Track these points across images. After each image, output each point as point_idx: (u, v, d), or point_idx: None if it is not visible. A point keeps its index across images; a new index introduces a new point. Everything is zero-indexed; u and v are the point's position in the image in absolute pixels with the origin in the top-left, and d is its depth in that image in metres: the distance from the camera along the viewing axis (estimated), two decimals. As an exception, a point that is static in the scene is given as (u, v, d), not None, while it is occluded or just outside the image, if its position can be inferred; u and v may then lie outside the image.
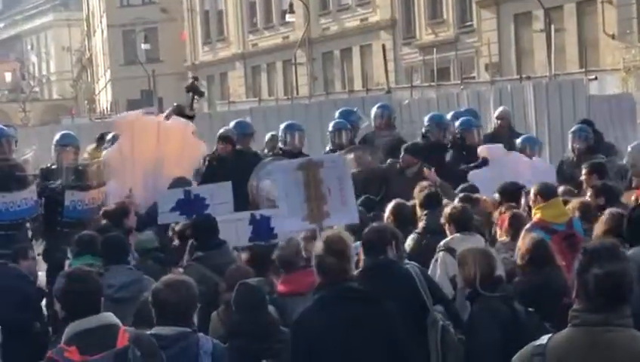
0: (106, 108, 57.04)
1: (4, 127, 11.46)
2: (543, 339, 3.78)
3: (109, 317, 5.05)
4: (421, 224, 8.51)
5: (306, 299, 6.58)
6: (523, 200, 9.16)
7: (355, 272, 6.22)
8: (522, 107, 16.92)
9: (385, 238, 6.86)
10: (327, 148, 12.74)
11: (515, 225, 8.05)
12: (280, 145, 12.52)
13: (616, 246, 3.99)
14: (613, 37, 32.85)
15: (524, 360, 3.78)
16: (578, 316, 3.75)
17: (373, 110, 13.46)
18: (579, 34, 34.58)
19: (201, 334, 5.63)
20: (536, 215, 8.33)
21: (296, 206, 8.17)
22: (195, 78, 13.98)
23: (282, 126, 12.68)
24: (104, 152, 11.17)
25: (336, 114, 13.58)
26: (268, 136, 13.42)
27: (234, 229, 8.95)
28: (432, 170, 11.11)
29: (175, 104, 12.83)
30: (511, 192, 9.31)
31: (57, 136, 11.67)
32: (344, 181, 8.40)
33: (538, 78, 24.83)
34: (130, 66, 56.41)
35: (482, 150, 11.90)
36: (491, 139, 12.88)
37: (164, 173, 10.84)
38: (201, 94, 13.49)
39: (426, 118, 13.18)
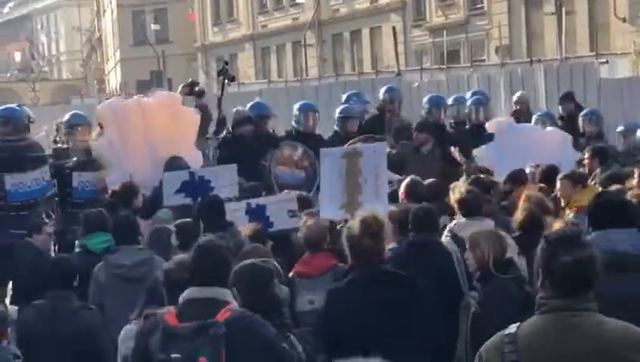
0: (116, 88, 57.03)
1: (17, 108, 11.34)
2: (512, 328, 3.81)
3: (222, 292, 5.06)
4: None
5: (316, 282, 6.61)
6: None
7: (398, 247, 6.30)
8: (533, 90, 16.90)
9: (432, 218, 7.08)
10: (334, 131, 12.70)
11: None
12: (293, 124, 12.44)
13: (579, 234, 4.03)
14: (624, 20, 32.72)
15: (494, 350, 3.79)
16: (546, 303, 3.79)
17: (382, 94, 13.41)
18: (589, 17, 34.44)
19: None
20: (576, 202, 8.31)
21: (336, 193, 8.16)
22: (226, 63, 14.02)
23: (296, 106, 12.63)
24: (93, 145, 10.89)
25: (344, 97, 13.52)
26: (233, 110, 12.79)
27: (231, 218, 8.92)
28: (457, 148, 11.16)
29: (190, 80, 12.76)
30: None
31: (67, 116, 11.63)
32: (381, 171, 8.36)
33: (549, 61, 24.78)
34: (140, 47, 56.28)
35: (490, 124, 12.06)
36: None
37: (160, 151, 10.59)
38: (232, 78, 13.45)
39: (425, 99, 13.32)
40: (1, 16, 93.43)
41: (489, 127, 12.05)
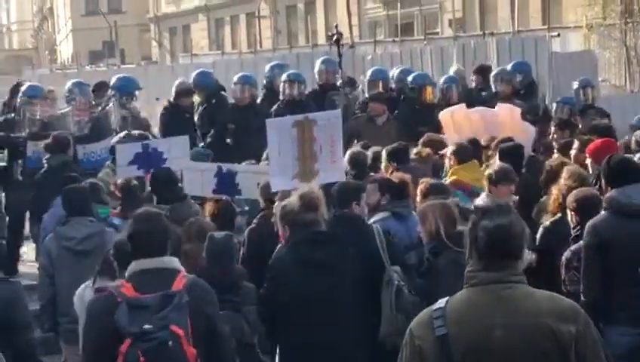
0: (68, 59, 56.45)
1: None
2: (442, 302, 3.81)
3: (171, 261, 5.09)
4: None
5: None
6: None
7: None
8: (485, 63, 16.93)
9: (349, 194, 6.90)
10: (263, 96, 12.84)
11: None
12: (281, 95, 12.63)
13: (506, 204, 4.09)
14: (576, -6, 32.86)
15: (424, 324, 3.79)
16: (475, 276, 3.80)
17: (318, 65, 13.36)
18: (542, -10, 34.57)
19: None
20: (452, 176, 8.36)
21: (287, 164, 8.11)
22: (336, 27, 14.13)
23: (283, 77, 12.76)
24: None
25: (267, 68, 13.52)
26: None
27: (199, 178, 8.92)
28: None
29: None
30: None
31: (24, 88, 11.56)
32: (336, 138, 8.35)
33: (501, 35, 24.83)
34: (92, 17, 55.69)
35: (445, 115, 11.57)
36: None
37: None
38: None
39: (368, 73, 13.38)
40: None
41: (443, 118, 11.54)
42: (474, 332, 3.69)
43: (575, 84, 13.73)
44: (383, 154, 9.13)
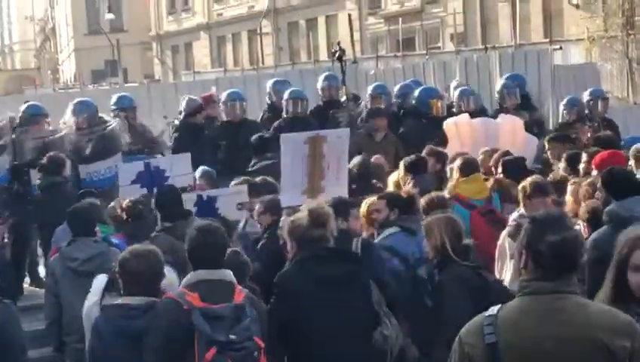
0: (70, 78, 56.61)
1: None
2: (494, 310, 3.77)
3: (229, 274, 5.38)
4: None
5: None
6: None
7: None
8: (488, 77, 16.94)
9: (337, 209, 6.96)
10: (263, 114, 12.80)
11: None
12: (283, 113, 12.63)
13: (564, 216, 4.08)
14: (577, 7, 32.92)
15: (474, 333, 3.75)
16: (529, 285, 3.74)
17: (321, 82, 13.34)
18: (543, 3, 34.63)
19: None
20: (455, 189, 8.35)
21: (297, 180, 8.13)
22: (339, 43, 14.20)
23: (285, 95, 12.75)
24: None
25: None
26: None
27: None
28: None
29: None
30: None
31: (23, 107, 11.52)
32: (342, 156, 8.38)
33: (503, 48, 24.88)
34: (94, 36, 55.77)
35: (449, 125, 11.68)
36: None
37: None
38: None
39: (369, 88, 13.39)
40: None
41: (447, 127, 11.62)
42: (524, 342, 3.64)
43: (586, 96, 13.50)
44: (401, 165, 9.11)
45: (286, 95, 12.76)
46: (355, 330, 5.84)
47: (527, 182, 7.60)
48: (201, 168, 10.38)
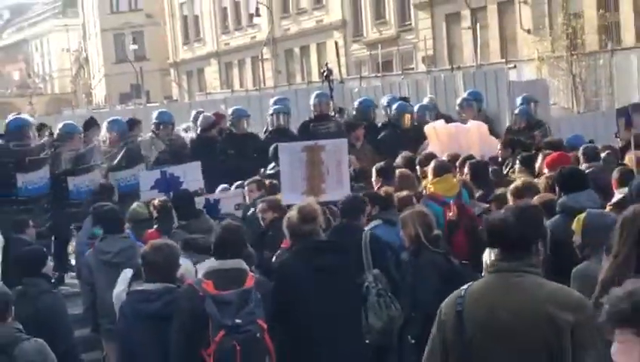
0: (101, 100, 56.59)
1: (25, 119, 11.22)
2: (466, 286, 3.80)
3: (241, 263, 5.36)
4: None
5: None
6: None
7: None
8: (454, 92, 16.94)
9: (358, 206, 7.06)
10: (268, 128, 12.80)
11: None
12: (270, 127, 12.75)
13: (525, 206, 4.10)
14: (528, 32, 32.98)
15: (449, 304, 3.78)
16: (494, 264, 3.78)
17: (313, 99, 13.25)
18: (500, 30, 34.69)
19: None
20: (429, 189, 8.34)
21: (297, 182, 8.09)
22: (327, 64, 14.19)
23: (269, 110, 12.82)
24: None
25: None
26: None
27: None
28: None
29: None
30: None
31: (60, 125, 11.50)
32: (342, 162, 8.34)
33: (467, 68, 24.90)
34: (121, 64, 55.79)
35: (429, 129, 11.74)
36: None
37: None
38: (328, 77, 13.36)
39: (355, 103, 13.42)
40: (1, 40, 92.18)
41: (427, 131, 11.67)
42: (482, 312, 3.65)
43: (519, 100, 13.84)
44: (373, 170, 9.13)
45: (270, 110, 12.78)
46: (344, 309, 5.81)
47: (515, 184, 7.43)
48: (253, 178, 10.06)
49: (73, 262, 10.46)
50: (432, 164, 8.72)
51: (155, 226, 8.12)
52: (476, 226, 7.06)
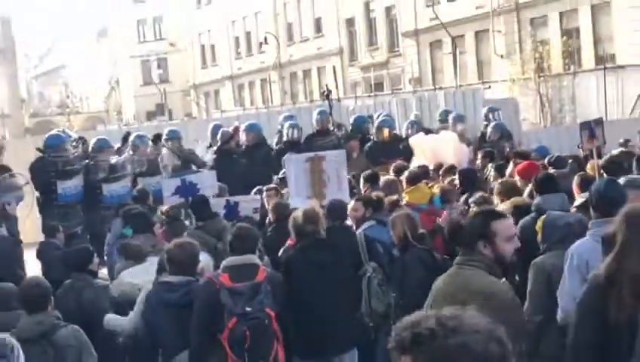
0: (130, 117, 56.60)
1: (63, 134, 11.30)
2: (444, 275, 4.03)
3: (254, 258, 5.35)
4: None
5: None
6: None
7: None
8: (436, 110, 16.97)
9: (343, 210, 7.00)
10: (277, 140, 12.88)
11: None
12: (284, 138, 12.87)
13: (475, 212, 4.23)
14: (501, 57, 33.02)
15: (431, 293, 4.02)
16: (456, 259, 3.97)
17: (315, 115, 13.34)
18: (477, 54, 34.73)
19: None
20: (405, 198, 8.33)
21: (302, 189, 8.11)
22: (327, 86, 14.43)
23: (286, 125, 12.95)
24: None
25: (281, 118, 13.56)
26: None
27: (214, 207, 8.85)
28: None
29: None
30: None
31: (94, 140, 11.56)
32: (341, 171, 8.35)
33: (448, 88, 24.92)
34: (147, 86, 55.86)
35: (414, 140, 11.84)
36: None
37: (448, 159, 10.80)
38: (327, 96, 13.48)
39: (351, 119, 13.52)
40: (42, 66, 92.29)
41: (412, 142, 11.77)
42: (435, 294, 3.93)
43: (484, 110, 14.07)
44: (361, 178, 9.12)
45: (286, 125, 12.90)
46: (341, 297, 5.84)
47: (501, 185, 7.43)
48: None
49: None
50: (406, 174, 8.66)
51: (164, 228, 8.14)
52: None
